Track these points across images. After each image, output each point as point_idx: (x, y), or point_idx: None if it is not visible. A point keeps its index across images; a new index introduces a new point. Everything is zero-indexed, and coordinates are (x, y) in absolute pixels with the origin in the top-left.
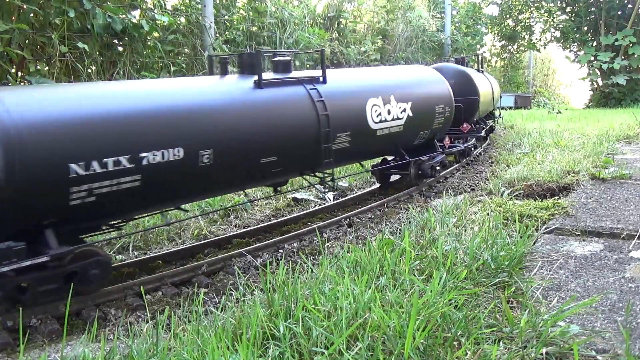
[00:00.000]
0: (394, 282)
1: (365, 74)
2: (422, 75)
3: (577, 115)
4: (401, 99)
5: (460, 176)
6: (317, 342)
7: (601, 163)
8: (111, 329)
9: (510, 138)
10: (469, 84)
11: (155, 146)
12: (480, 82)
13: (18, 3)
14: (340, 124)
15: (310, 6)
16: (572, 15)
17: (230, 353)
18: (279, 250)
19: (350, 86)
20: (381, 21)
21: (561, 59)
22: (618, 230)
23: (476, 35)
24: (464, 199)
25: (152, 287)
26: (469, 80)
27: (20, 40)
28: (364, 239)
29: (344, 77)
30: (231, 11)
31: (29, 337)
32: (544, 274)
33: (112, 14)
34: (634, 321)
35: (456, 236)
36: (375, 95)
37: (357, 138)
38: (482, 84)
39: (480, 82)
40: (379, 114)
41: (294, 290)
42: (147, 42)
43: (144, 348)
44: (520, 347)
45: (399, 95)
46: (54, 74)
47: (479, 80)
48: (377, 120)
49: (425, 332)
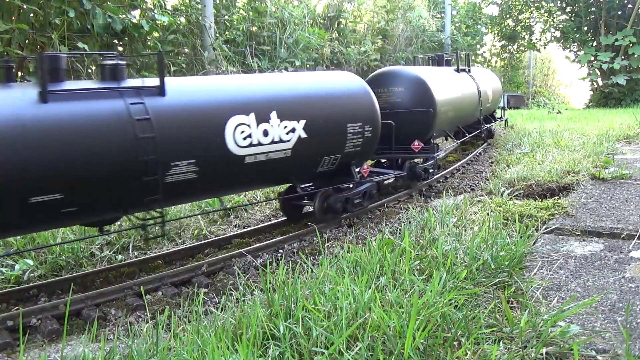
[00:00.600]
0: (394, 282)
1: (232, 83)
2: (330, 86)
3: (577, 115)
4: (288, 115)
5: (460, 176)
6: (317, 342)
7: (601, 163)
8: (111, 329)
9: (510, 138)
10: (422, 92)
11: None
12: (443, 89)
13: (18, 3)
14: (179, 150)
15: (310, 6)
16: (572, 15)
17: (230, 353)
18: (279, 250)
19: (203, 100)
20: (381, 21)
21: (561, 59)
22: (618, 230)
23: (476, 35)
24: (464, 199)
25: (152, 287)
26: (423, 88)
27: (20, 40)
28: (364, 239)
29: (198, 88)
30: (231, 11)
31: (29, 337)
32: (544, 274)
33: (112, 14)
34: (634, 321)
35: (456, 236)
36: (242, 112)
37: (210, 167)
38: (448, 90)
39: (444, 88)
40: (247, 135)
41: (294, 290)
42: (147, 42)
43: (144, 348)
44: (520, 347)
45: (285, 112)
46: None
47: (440, 87)
48: (245, 144)
49: (425, 332)
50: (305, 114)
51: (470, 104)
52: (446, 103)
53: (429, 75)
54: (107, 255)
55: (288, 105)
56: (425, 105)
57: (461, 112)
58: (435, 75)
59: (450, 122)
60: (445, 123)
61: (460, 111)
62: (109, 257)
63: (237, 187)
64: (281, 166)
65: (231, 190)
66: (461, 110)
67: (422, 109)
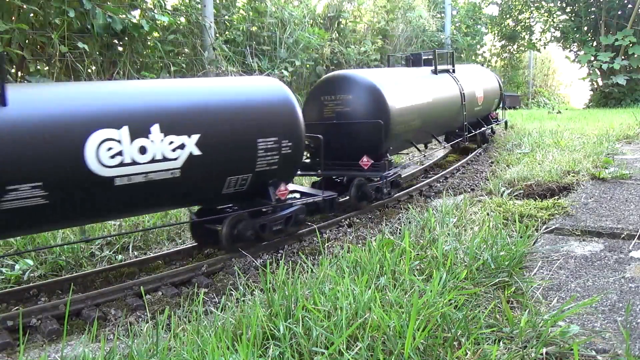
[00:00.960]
0: (394, 282)
1: (100, 91)
2: (237, 94)
3: (577, 115)
4: (175, 129)
5: (460, 176)
6: (317, 342)
7: (601, 163)
8: (111, 329)
9: (510, 138)
10: (373, 101)
11: None
12: (405, 95)
13: (18, 3)
14: (19, 171)
15: (310, 6)
16: (572, 15)
17: (230, 353)
18: (279, 250)
19: (57, 111)
20: (381, 21)
21: (561, 59)
22: (618, 230)
23: (476, 35)
24: (464, 199)
25: (152, 287)
26: (374, 96)
27: (20, 40)
28: (364, 239)
29: (53, 97)
30: (231, 11)
31: (29, 337)
32: (544, 274)
33: (112, 14)
34: (634, 321)
35: (456, 236)
36: (109, 125)
37: (65, 191)
38: (413, 96)
39: (407, 94)
40: (117, 153)
41: (294, 290)
42: (147, 42)
43: (144, 348)
44: (520, 347)
45: (171, 125)
46: (54, 74)
47: (401, 93)
48: (113, 164)
49: (425, 332)
50: (199, 127)
51: (450, 109)
52: (408, 112)
53: (386, 81)
54: (107, 255)
55: (175, 117)
56: (375, 116)
57: (436, 119)
58: (396, 80)
59: (417, 132)
60: (408, 134)
61: (433, 118)
62: (109, 257)
63: (108, 214)
64: (168, 188)
65: (100, 218)
66: (435, 117)
67: (371, 121)
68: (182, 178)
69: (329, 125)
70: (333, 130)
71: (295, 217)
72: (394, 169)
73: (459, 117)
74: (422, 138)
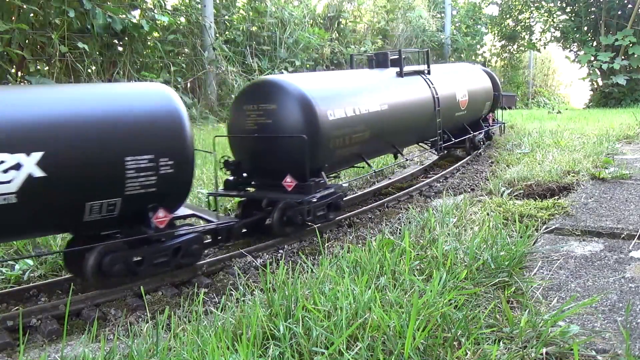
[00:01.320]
0: (394, 282)
1: None
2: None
3: (577, 115)
4: (6, 146)
5: (460, 176)
6: (317, 342)
7: (601, 163)
8: (111, 329)
9: (510, 138)
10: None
11: None
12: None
13: (18, 3)
14: None
15: (310, 6)
16: (572, 15)
17: (230, 353)
18: (279, 250)
19: None
20: (381, 21)
21: (561, 59)
22: (618, 230)
23: (476, 35)
24: (464, 199)
25: (152, 287)
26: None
27: (20, 40)
28: (364, 239)
29: None
30: (231, 11)
31: (29, 337)
32: (544, 274)
33: (112, 14)
34: (634, 321)
35: (456, 236)
36: None
37: None
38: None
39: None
40: None
41: (294, 290)
42: (147, 42)
43: (144, 348)
44: (520, 347)
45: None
46: (54, 74)
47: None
48: None
49: (425, 332)
50: (42, 144)
51: (417, 116)
52: (350, 122)
53: (321, 87)
54: None
55: (7, 132)
56: (299, 130)
57: (396, 128)
58: (340, 86)
59: (366, 144)
60: (352, 147)
61: (392, 127)
62: None
63: None
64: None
65: None
66: (395, 126)
67: (293, 136)
68: (19, 204)
69: (251, 139)
70: (255, 145)
71: (186, 249)
72: (327, 190)
73: (431, 124)
74: (376, 150)
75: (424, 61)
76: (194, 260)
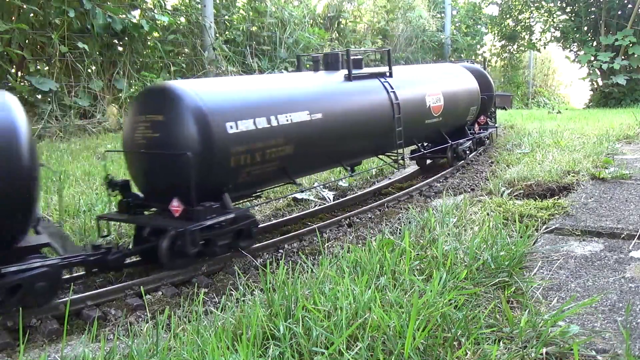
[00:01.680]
0: (394, 282)
1: None
2: None
3: (577, 115)
4: None
5: (460, 176)
6: (317, 342)
7: (601, 163)
8: (111, 329)
9: (510, 138)
10: (188, 125)
11: None
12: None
13: (18, 3)
14: None
15: (310, 6)
16: (572, 15)
17: (230, 353)
18: (279, 250)
19: None
20: (381, 21)
21: (561, 59)
22: (618, 230)
23: (476, 35)
24: (464, 199)
25: (152, 287)
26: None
27: (20, 40)
28: (364, 239)
29: None
30: (231, 11)
31: (29, 337)
32: (544, 274)
33: (112, 14)
34: (634, 321)
35: (456, 236)
36: None
37: None
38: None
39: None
40: None
41: (294, 290)
42: (147, 42)
43: (144, 348)
44: (520, 347)
45: None
46: (54, 74)
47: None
48: None
49: (425, 332)
50: None
51: (366, 126)
52: (262, 136)
53: (223, 94)
54: None
55: None
56: (184, 146)
57: (335, 140)
58: (247, 93)
59: (289, 161)
60: (267, 165)
61: (328, 139)
62: None
63: None
64: None
65: None
66: (334, 138)
67: (176, 153)
68: None
69: (140, 155)
70: (145, 162)
71: (31, 287)
72: (224, 217)
73: (389, 135)
74: (309, 167)
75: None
76: (42, 302)
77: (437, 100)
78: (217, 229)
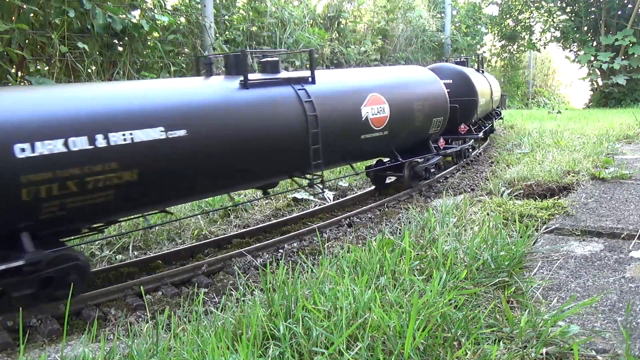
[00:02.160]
0: (394, 282)
1: None
2: None
3: (577, 115)
4: None
5: (460, 176)
6: (317, 342)
7: (601, 163)
8: (111, 329)
9: (510, 138)
10: None
11: None
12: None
13: (18, 3)
14: None
15: (310, 6)
16: (572, 15)
17: (230, 353)
18: (279, 250)
19: None
20: (381, 21)
21: (561, 59)
22: (618, 230)
23: (476, 35)
24: (464, 199)
25: (152, 287)
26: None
27: (20, 40)
28: (364, 239)
29: None
30: (231, 11)
31: (29, 337)
32: (544, 274)
33: (112, 14)
34: (634, 321)
35: (456, 236)
36: None
37: None
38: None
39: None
40: None
41: (294, 290)
42: (147, 42)
43: (144, 348)
44: (520, 347)
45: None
46: (54, 74)
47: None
48: None
49: (425, 332)
50: None
51: (266, 145)
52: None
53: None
54: (107, 255)
55: None
56: None
57: (217, 164)
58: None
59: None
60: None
61: (206, 163)
62: (109, 257)
63: None
64: None
65: None
66: (213, 161)
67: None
68: None
69: None
70: None
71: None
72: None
73: (303, 153)
74: (175, 195)
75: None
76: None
77: (380, 111)
78: (10, 278)
